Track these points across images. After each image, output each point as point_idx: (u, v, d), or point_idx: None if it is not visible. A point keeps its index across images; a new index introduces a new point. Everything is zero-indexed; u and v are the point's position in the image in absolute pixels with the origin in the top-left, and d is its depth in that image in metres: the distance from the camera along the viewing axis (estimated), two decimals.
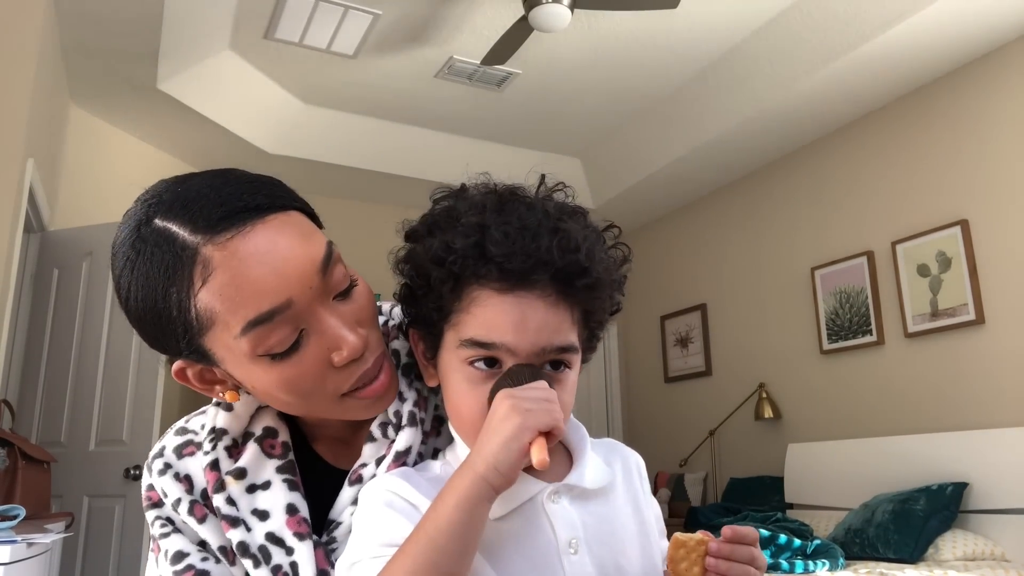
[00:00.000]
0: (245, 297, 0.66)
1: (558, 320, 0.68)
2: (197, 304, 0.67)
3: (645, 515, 0.75)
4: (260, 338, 0.67)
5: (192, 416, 0.84)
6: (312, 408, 0.74)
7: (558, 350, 0.68)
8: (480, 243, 0.67)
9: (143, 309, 0.71)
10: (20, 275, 3.35)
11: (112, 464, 3.34)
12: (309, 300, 0.69)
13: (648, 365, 5.87)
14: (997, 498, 3.32)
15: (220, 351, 0.70)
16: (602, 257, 0.71)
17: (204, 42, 3.88)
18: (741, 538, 0.65)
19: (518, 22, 3.46)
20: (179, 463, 0.79)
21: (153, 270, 0.68)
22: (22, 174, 2.91)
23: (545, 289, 0.67)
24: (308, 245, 0.70)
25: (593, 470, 0.72)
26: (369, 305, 0.75)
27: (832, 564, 3.08)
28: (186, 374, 0.75)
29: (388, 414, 0.77)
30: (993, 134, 3.65)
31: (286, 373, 0.69)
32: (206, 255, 0.66)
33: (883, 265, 4.12)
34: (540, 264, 0.66)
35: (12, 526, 2.01)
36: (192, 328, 0.69)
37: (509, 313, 0.66)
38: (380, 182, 5.21)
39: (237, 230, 0.67)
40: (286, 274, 0.67)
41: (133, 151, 4.45)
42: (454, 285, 0.68)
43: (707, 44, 4.10)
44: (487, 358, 0.67)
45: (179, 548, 0.76)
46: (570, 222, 0.70)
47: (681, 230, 5.67)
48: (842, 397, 4.29)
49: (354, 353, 0.70)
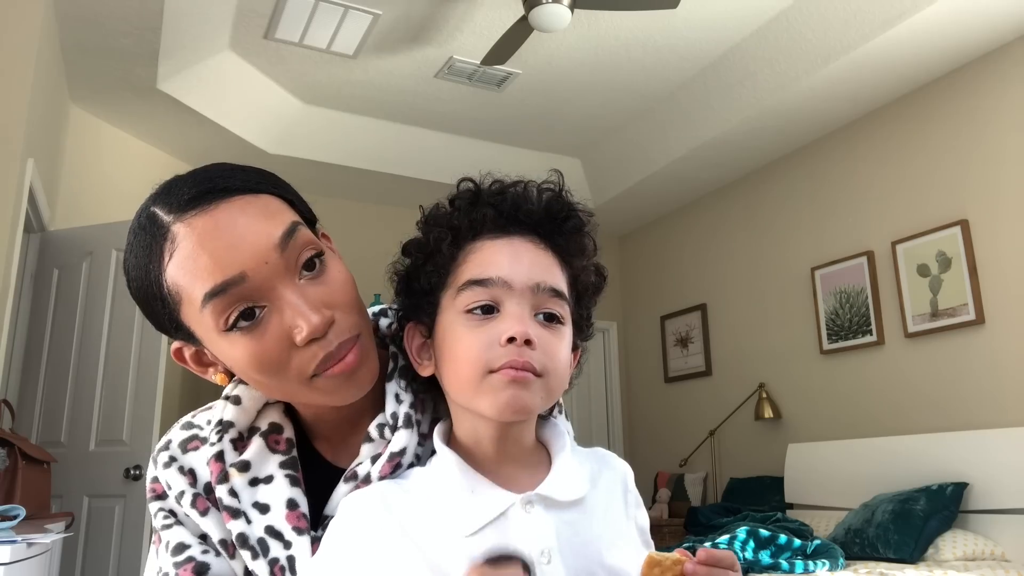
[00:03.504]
0: (201, 269, 0.70)
1: (548, 261, 0.73)
2: (167, 279, 0.71)
3: (623, 528, 0.74)
4: (218, 310, 0.70)
5: (199, 412, 0.86)
6: (286, 389, 0.75)
7: (551, 291, 0.71)
8: (475, 194, 0.74)
9: (136, 288, 0.75)
10: (20, 275, 3.35)
11: (112, 464, 3.34)
12: (267, 276, 0.71)
13: (648, 365, 5.87)
14: (997, 498, 3.32)
15: (195, 327, 0.73)
16: (584, 218, 0.76)
17: (204, 42, 3.88)
18: (717, 562, 0.64)
19: (518, 22, 3.46)
20: (184, 457, 0.81)
21: (140, 251, 0.73)
22: (22, 174, 2.91)
23: (535, 235, 0.73)
24: (268, 223, 0.73)
25: (568, 480, 0.71)
26: (343, 290, 0.76)
27: (832, 564, 3.08)
28: (183, 355, 0.78)
29: (386, 415, 0.78)
30: (993, 134, 3.65)
31: (251, 348, 0.71)
32: (174, 232, 0.71)
33: (883, 265, 4.12)
34: (528, 207, 0.73)
35: (12, 526, 2.01)
36: (169, 304, 0.72)
37: (503, 251, 0.71)
38: (380, 182, 5.21)
39: (202, 208, 0.71)
40: (240, 248, 0.70)
41: (133, 151, 4.45)
42: (453, 239, 0.72)
43: (707, 44, 4.10)
44: (485, 305, 0.69)
45: (180, 540, 0.77)
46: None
47: (681, 230, 5.67)
48: (842, 397, 4.29)
49: (314, 331, 0.71)
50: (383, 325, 0.87)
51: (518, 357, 0.67)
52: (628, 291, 6.15)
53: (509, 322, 0.68)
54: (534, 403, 0.68)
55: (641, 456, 5.73)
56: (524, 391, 0.67)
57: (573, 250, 0.74)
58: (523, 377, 0.67)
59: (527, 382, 0.67)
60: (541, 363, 0.68)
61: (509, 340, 0.67)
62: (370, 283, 1.75)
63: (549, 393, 0.69)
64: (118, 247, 3.56)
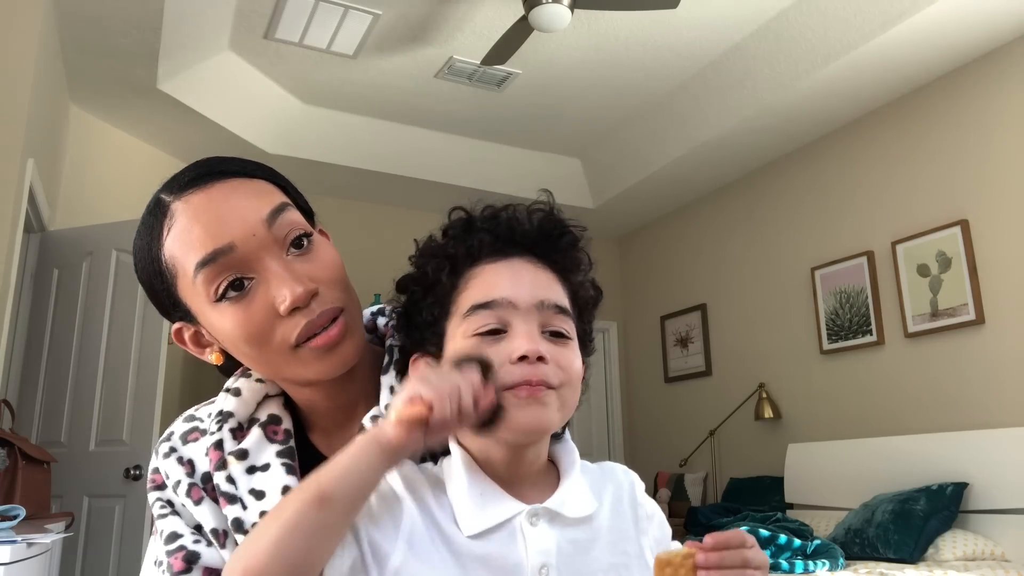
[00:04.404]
0: (194, 240, 0.75)
1: (548, 279, 0.73)
2: (165, 254, 0.77)
3: (630, 547, 0.73)
4: (208, 279, 0.75)
5: (201, 406, 0.89)
6: (272, 361, 0.78)
7: (556, 308, 0.71)
8: (468, 222, 0.75)
9: (140, 269, 0.81)
10: (20, 275, 3.35)
11: (112, 464, 3.34)
12: (254, 248, 0.75)
13: (648, 365, 5.87)
14: (997, 498, 3.32)
15: (190, 302, 0.78)
16: (577, 233, 0.77)
17: (204, 42, 3.88)
18: (725, 544, 0.63)
19: (518, 22, 3.46)
20: (183, 448, 0.83)
21: (144, 231, 0.79)
22: (22, 174, 2.91)
23: (531, 255, 0.74)
24: (258, 200, 0.78)
25: (576, 496, 0.71)
26: (329, 267, 0.80)
27: (832, 564, 3.08)
28: (183, 336, 0.82)
29: (380, 407, 0.79)
30: (993, 134, 3.65)
31: (238, 318, 0.75)
32: (173, 209, 0.77)
33: (883, 265, 4.12)
34: (522, 228, 0.74)
35: (12, 526, 2.01)
36: (167, 278, 0.78)
37: (503, 273, 0.72)
38: (380, 182, 5.20)
39: (199, 188, 0.77)
40: (230, 221, 0.75)
41: (133, 151, 4.45)
42: (451, 267, 0.73)
43: (707, 44, 4.10)
44: (493, 329, 0.69)
45: (174, 529, 0.80)
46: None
47: (681, 230, 5.67)
48: (842, 397, 4.29)
49: (296, 300, 0.74)
50: (380, 324, 0.89)
51: (532, 374, 0.67)
52: (628, 291, 6.14)
53: (519, 341, 0.68)
54: (552, 420, 0.68)
55: (641, 456, 5.73)
56: (542, 408, 0.67)
57: (570, 266, 0.76)
58: (539, 392, 0.67)
59: (543, 397, 0.67)
60: (555, 376, 0.68)
61: (521, 358, 0.67)
62: (370, 282, 1.75)
63: (565, 406, 0.69)
64: (118, 247, 3.56)
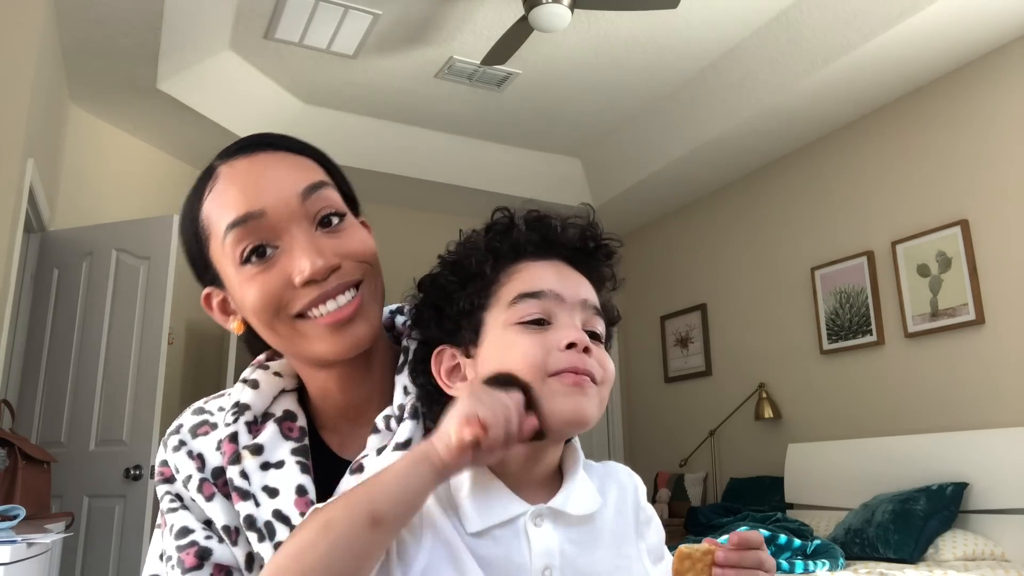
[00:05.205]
0: (229, 200, 0.76)
1: (587, 284, 0.75)
2: (202, 214, 0.79)
3: (630, 550, 0.73)
4: (236, 240, 0.75)
5: (211, 398, 0.88)
6: (282, 333, 0.78)
7: (595, 309, 0.74)
8: (510, 223, 0.76)
9: (181, 230, 0.83)
10: (20, 275, 3.35)
11: (112, 464, 3.34)
12: (285, 218, 0.76)
13: (648, 365, 5.87)
14: (997, 498, 3.32)
15: (219, 264, 0.79)
16: (614, 247, 0.79)
17: (204, 42, 3.88)
18: (747, 544, 0.65)
19: (518, 22, 3.46)
20: (193, 442, 0.82)
21: (191, 193, 0.81)
22: (22, 174, 2.91)
23: (570, 261, 0.76)
24: (298, 173, 0.79)
25: (580, 495, 0.71)
26: (359, 249, 0.80)
27: (832, 564, 3.07)
28: (211, 301, 0.83)
29: (393, 408, 0.78)
30: (993, 134, 3.65)
31: (258, 284, 0.75)
32: (218, 172, 0.79)
33: (883, 265, 4.12)
34: (567, 233, 0.76)
35: (12, 526, 2.01)
36: (200, 239, 0.79)
37: (548, 269, 0.74)
38: (380, 182, 5.20)
39: (246, 155, 0.79)
40: (265, 187, 0.76)
41: (133, 151, 4.45)
42: (495, 261, 0.74)
43: (707, 44, 4.10)
44: (538, 318, 0.70)
45: (185, 524, 0.78)
46: None
47: (681, 230, 5.67)
48: (842, 397, 4.29)
49: (316, 273, 0.74)
50: (399, 323, 0.88)
51: (580, 362, 0.67)
52: (628, 291, 6.11)
53: (567, 330, 0.69)
54: (592, 413, 0.68)
55: (641, 456, 5.73)
56: (585, 399, 0.67)
57: (604, 278, 0.78)
58: (583, 382, 0.67)
59: (587, 388, 0.68)
60: (598, 371, 0.69)
61: (569, 346, 0.68)
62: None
63: (602, 403, 0.70)
64: (118, 247, 3.56)
